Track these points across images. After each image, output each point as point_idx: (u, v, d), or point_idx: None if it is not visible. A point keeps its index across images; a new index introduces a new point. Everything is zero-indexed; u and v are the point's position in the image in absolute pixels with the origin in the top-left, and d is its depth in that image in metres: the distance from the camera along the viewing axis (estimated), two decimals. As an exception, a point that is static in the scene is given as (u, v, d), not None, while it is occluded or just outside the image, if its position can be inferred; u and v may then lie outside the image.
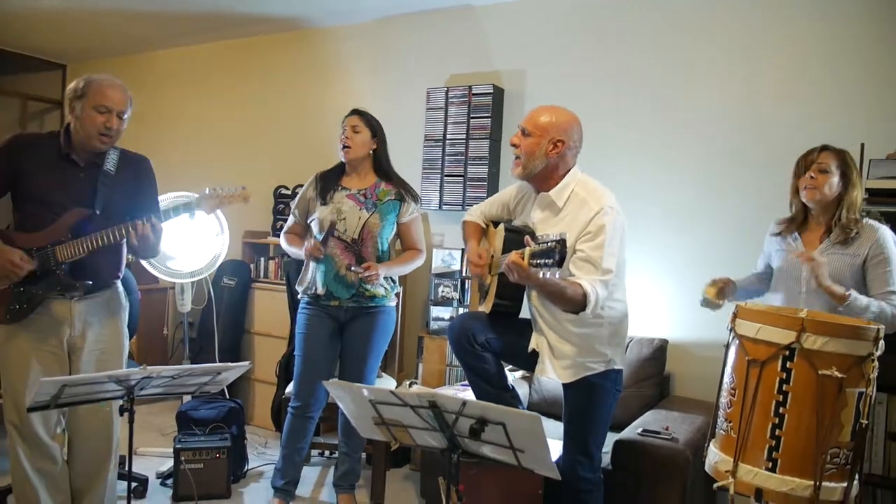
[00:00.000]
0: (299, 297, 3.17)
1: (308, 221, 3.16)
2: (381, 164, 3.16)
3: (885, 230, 2.43)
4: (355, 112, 3.14)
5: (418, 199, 3.21)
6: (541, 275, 2.00)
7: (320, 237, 3.04)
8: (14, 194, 2.51)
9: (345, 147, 3.07)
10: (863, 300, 2.32)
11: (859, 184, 2.47)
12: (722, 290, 2.59)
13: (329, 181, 3.14)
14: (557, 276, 2.01)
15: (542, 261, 1.97)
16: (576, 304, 2.20)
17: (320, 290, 3.04)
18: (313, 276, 3.07)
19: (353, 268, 2.97)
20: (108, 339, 2.62)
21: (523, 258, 2.03)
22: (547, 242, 1.98)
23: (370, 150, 3.12)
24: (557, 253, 1.94)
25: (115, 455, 2.73)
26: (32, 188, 2.47)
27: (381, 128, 3.16)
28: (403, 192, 3.13)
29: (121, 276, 2.69)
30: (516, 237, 2.38)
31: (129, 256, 3.74)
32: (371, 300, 3.07)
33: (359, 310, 3.07)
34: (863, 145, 2.90)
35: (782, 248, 2.60)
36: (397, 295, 3.22)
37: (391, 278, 3.16)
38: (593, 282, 2.20)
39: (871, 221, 2.47)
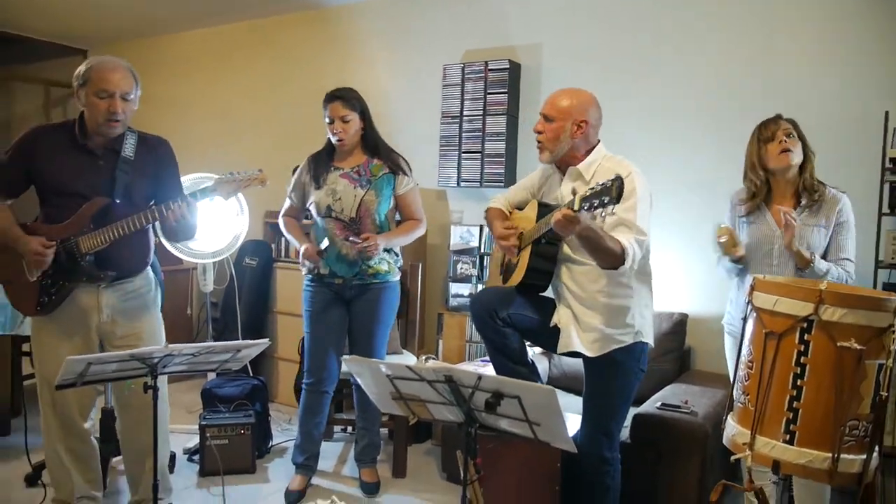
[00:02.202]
0: (304, 275, 3.18)
1: (307, 206, 3.16)
2: (369, 141, 3.11)
3: (846, 199, 2.54)
4: (337, 98, 3.02)
5: (411, 169, 3.16)
6: (587, 220, 2.05)
7: (319, 220, 3.05)
8: (37, 188, 2.53)
9: (339, 141, 3.03)
10: (823, 265, 2.45)
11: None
12: (733, 236, 2.61)
13: (320, 163, 3.11)
14: (613, 210, 2.03)
15: (600, 199, 1.96)
16: (615, 257, 2.21)
17: (323, 270, 3.06)
18: None
19: (350, 238, 2.97)
20: (141, 325, 2.65)
21: (571, 207, 2.04)
22: (601, 184, 1.97)
23: (362, 131, 3.09)
24: (615, 189, 1.93)
25: (166, 438, 2.80)
26: (52, 181, 2.48)
27: (365, 103, 3.09)
28: (395, 165, 3.10)
29: (149, 263, 2.71)
30: (549, 210, 2.39)
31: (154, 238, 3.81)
32: (375, 276, 3.07)
33: (363, 287, 3.08)
34: (887, 113, 2.85)
35: (752, 222, 2.63)
36: (401, 269, 3.22)
37: (394, 252, 3.16)
38: (630, 240, 2.23)
39: (835, 191, 2.54)
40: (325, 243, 3.01)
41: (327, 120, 3.04)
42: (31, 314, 2.55)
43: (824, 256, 2.51)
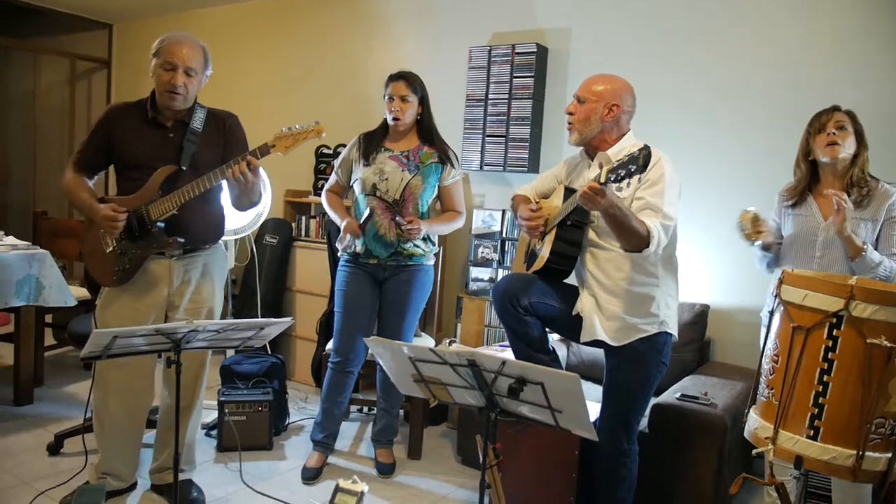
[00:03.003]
0: (339, 254, 3.21)
1: (351, 182, 3.17)
2: (424, 127, 3.15)
3: None
4: (402, 77, 3.07)
5: (459, 162, 3.20)
6: (611, 197, 2.04)
7: (362, 197, 3.06)
8: (114, 164, 2.63)
9: (395, 119, 3.06)
10: (876, 256, 2.37)
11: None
12: (757, 221, 2.57)
13: (372, 142, 3.14)
14: (640, 179, 2.05)
15: (627, 169, 1.95)
16: (640, 238, 2.18)
17: (359, 249, 3.08)
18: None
19: (396, 218, 2.99)
20: (204, 297, 2.72)
21: (598, 181, 2.02)
22: (628, 155, 1.97)
23: (418, 116, 3.12)
24: (641, 158, 1.93)
25: (198, 409, 2.85)
26: (126, 155, 2.57)
27: (426, 89, 3.14)
28: (445, 155, 3.13)
29: (221, 235, 2.77)
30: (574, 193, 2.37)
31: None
32: (410, 259, 3.10)
33: (397, 268, 3.11)
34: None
35: (798, 213, 2.59)
36: (436, 255, 3.24)
37: (430, 239, 3.18)
38: (656, 224, 2.21)
39: (888, 186, 2.47)
40: (366, 213, 3.02)
41: (387, 98, 3.08)
42: (108, 284, 2.62)
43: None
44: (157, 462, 2.83)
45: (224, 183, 2.54)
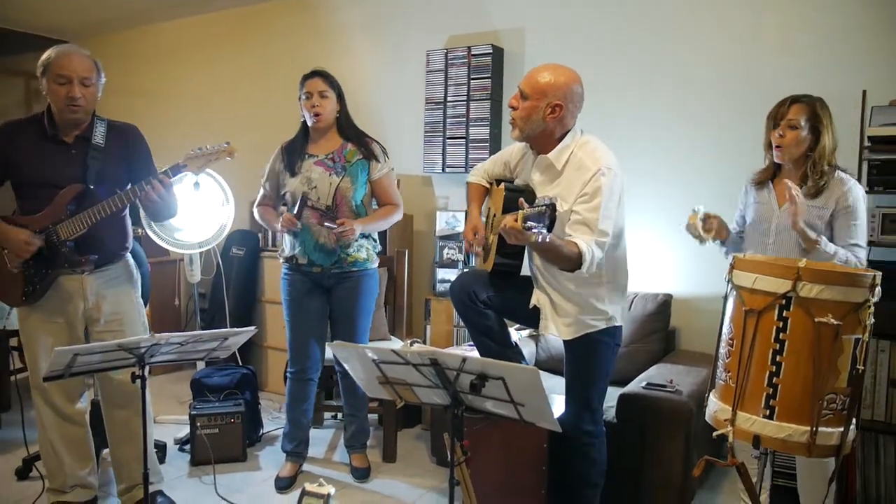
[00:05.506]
0: (281, 262, 3.16)
1: (281, 194, 3.13)
2: (344, 125, 3.10)
3: (854, 184, 2.42)
4: (318, 74, 3.03)
5: (386, 153, 3.14)
6: (534, 238, 2.01)
7: (295, 210, 3.00)
8: (12, 182, 2.56)
9: (316, 115, 3.00)
10: (831, 247, 2.34)
11: (829, 133, 2.43)
12: (708, 221, 2.54)
13: (294, 151, 3.08)
14: (548, 239, 2.02)
15: (534, 223, 1.97)
16: (572, 262, 2.21)
17: (301, 260, 3.04)
18: (293, 246, 3.06)
19: (326, 224, 2.93)
20: (124, 309, 2.69)
21: (517, 220, 2.03)
22: (538, 206, 1.98)
23: (337, 114, 3.08)
24: (547, 217, 1.94)
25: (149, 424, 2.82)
26: (25, 174, 2.51)
27: (341, 87, 3.09)
28: (369, 150, 3.07)
29: (129, 248, 2.74)
30: (516, 196, 2.39)
31: (139, 230, 3.80)
32: (353, 265, 3.06)
33: (342, 275, 3.06)
34: (864, 92, 2.87)
35: (757, 201, 2.60)
36: (379, 255, 3.21)
37: (372, 238, 3.16)
38: (589, 242, 2.21)
39: (843, 175, 2.44)
40: (298, 203, 2.95)
41: (304, 96, 3.02)
42: (17, 304, 2.58)
43: (832, 242, 2.39)
44: (123, 483, 2.80)
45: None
